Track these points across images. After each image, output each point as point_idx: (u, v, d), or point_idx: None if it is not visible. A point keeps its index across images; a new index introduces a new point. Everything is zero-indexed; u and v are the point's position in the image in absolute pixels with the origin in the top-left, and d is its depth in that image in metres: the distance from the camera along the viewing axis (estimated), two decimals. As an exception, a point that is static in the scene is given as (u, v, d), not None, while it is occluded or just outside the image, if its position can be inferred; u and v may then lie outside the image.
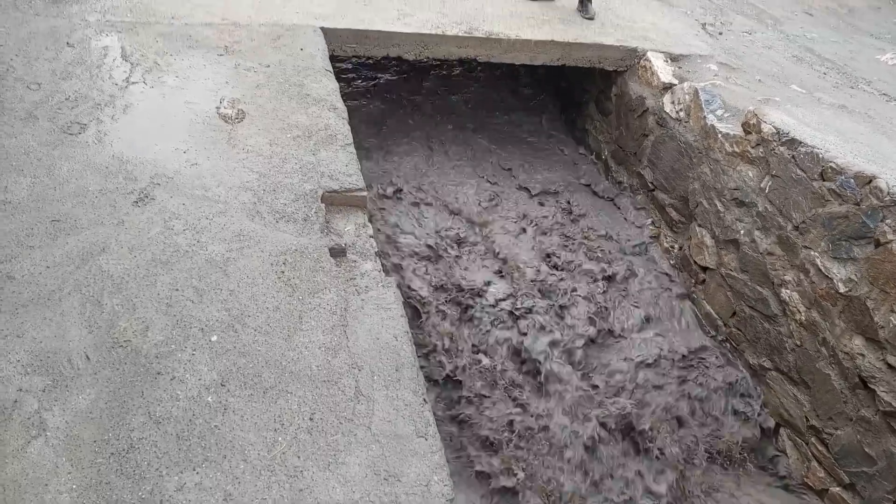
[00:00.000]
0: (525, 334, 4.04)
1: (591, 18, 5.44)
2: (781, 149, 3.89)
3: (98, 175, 3.03)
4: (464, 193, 5.06)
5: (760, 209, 4.04)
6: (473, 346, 4.02)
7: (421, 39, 4.90)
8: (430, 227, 4.70)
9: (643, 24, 5.55)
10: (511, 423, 3.69)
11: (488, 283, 4.32)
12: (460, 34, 4.94)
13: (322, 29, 4.59)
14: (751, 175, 4.12)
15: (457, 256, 4.51)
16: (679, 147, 4.66)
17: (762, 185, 4.04)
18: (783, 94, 4.73)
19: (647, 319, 4.37)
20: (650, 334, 4.30)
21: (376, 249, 3.16)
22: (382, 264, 3.16)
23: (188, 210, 2.97)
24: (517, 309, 4.16)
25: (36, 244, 2.66)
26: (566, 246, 4.73)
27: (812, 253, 3.72)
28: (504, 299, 4.22)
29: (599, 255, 4.69)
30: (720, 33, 5.72)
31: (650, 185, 4.99)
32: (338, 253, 3.03)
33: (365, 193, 3.41)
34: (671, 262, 4.80)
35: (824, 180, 3.66)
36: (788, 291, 3.87)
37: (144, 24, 4.21)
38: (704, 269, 4.49)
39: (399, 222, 4.68)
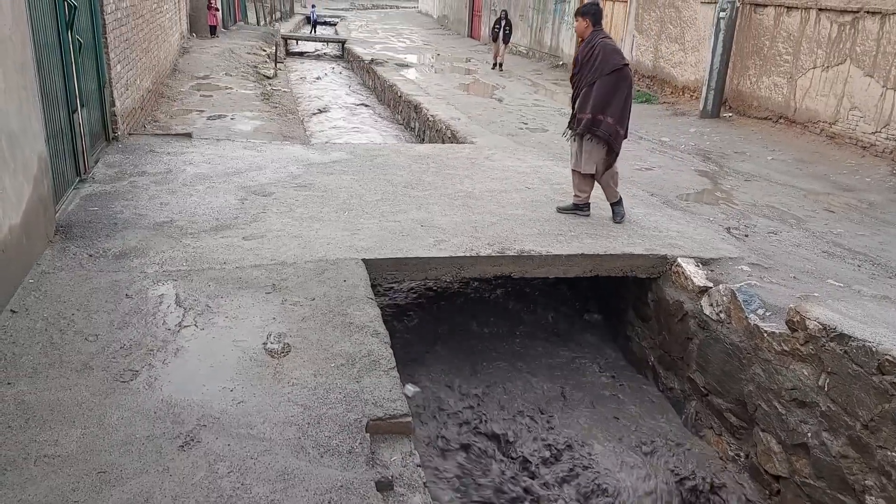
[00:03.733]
0: None
1: (621, 221, 5.88)
2: (832, 345, 3.79)
3: (146, 421, 3.06)
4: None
5: (823, 408, 3.85)
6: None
7: (456, 262, 5.13)
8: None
9: (669, 232, 5.76)
10: None
11: None
12: (493, 254, 5.16)
13: (364, 260, 4.85)
14: (806, 373, 3.97)
15: None
16: (726, 349, 4.58)
17: (820, 383, 3.88)
18: (821, 289, 4.73)
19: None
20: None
21: (424, 480, 3.04)
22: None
23: (233, 451, 2.93)
24: None
25: (80, 499, 2.62)
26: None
27: (889, 453, 3.45)
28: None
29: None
30: (746, 236, 5.88)
31: (703, 389, 4.83)
32: (385, 486, 2.91)
33: (410, 419, 3.36)
34: (738, 471, 4.48)
35: (884, 374, 3.51)
36: (873, 498, 3.54)
37: (198, 270, 4.51)
38: (777, 478, 4.17)
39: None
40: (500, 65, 17.81)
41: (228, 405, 3.22)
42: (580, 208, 6.03)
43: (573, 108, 5.95)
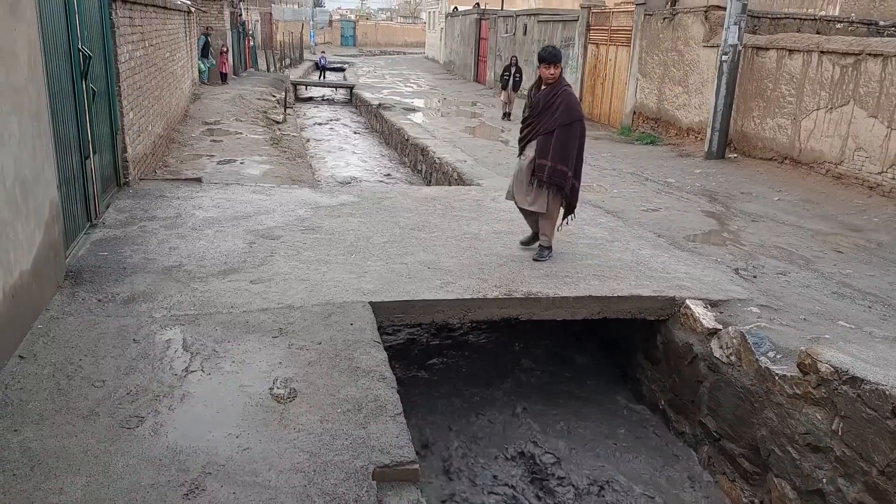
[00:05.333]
0: None
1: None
2: (844, 388, 3.74)
3: (151, 468, 3.03)
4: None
5: (838, 454, 3.77)
6: None
7: (463, 304, 5.11)
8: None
9: (676, 274, 5.74)
10: None
11: None
12: (500, 296, 5.15)
13: (371, 303, 4.85)
14: (819, 417, 3.91)
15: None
16: (737, 392, 4.52)
17: (834, 428, 3.81)
18: (832, 330, 4.68)
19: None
20: None
21: (432, 529, 2.98)
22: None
23: (238, 499, 2.90)
24: None
25: (83, 549, 2.58)
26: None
27: (909, 501, 3.38)
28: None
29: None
30: (754, 277, 5.85)
31: (715, 434, 4.76)
32: (391, 536, 2.86)
33: (417, 466, 3.32)
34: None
35: (899, 418, 3.45)
36: (894, 548, 3.45)
37: (206, 315, 4.52)
38: (792, 525, 4.07)
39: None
40: (509, 115, 16.48)
41: (234, 452, 3.19)
42: (549, 250, 6.01)
43: (521, 149, 5.95)
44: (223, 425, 3.39)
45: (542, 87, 5.80)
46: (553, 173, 5.72)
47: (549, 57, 5.65)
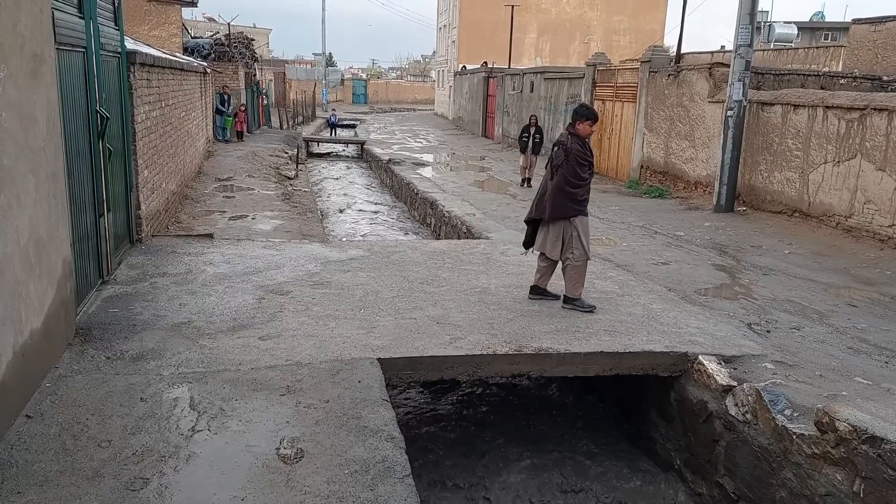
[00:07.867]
0: None
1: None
2: (864, 447, 3.65)
3: (154, 532, 2.97)
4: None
5: (861, 517, 3.65)
6: None
7: (473, 360, 5.07)
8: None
9: (688, 329, 5.68)
10: None
11: None
12: (510, 352, 5.11)
13: (379, 360, 4.82)
14: (839, 478, 3.80)
15: None
16: (754, 451, 4.41)
17: (855, 489, 3.70)
18: (849, 387, 4.59)
19: None
20: None
21: None
22: None
23: (242, 565, 2.82)
24: None
25: None
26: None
27: (938, 567, 3.24)
28: None
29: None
30: (768, 331, 5.78)
31: (733, 495, 4.62)
32: None
33: (426, 530, 3.23)
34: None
35: (924, 480, 3.35)
36: None
37: (214, 372, 4.50)
38: (816, 593, 3.91)
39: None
40: (529, 180, 14.61)
41: (239, 515, 3.12)
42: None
43: (583, 202, 6.13)
44: (228, 487, 3.33)
45: (579, 144, 6.01)
46: None
47: (591, 117, 6.06)
